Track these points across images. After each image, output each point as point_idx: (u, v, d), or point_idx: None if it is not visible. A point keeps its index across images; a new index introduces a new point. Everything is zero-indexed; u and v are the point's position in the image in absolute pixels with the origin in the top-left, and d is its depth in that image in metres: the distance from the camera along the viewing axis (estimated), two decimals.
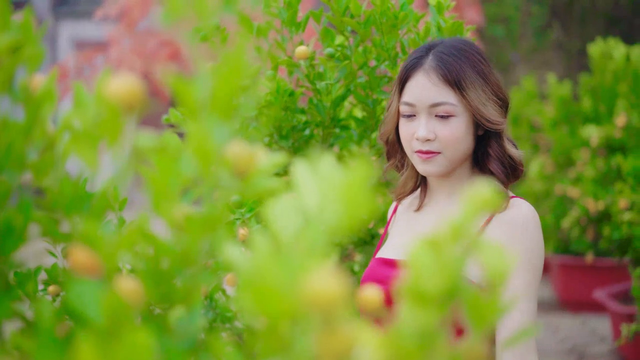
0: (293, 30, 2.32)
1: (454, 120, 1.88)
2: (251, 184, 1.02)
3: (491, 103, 1.90)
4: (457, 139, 1.89)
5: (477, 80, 1.89)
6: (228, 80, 0.78)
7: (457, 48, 1.92)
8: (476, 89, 1.88)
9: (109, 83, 0.82)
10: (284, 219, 0.94)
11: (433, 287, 0.79)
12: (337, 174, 0.79)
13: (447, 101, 1.88)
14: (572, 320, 6.32)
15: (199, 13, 0.77)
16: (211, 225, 0.91)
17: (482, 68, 1.91)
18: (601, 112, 6.13)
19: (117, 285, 0.90)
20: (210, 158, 0.83)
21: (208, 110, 0.77)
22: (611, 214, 5.38)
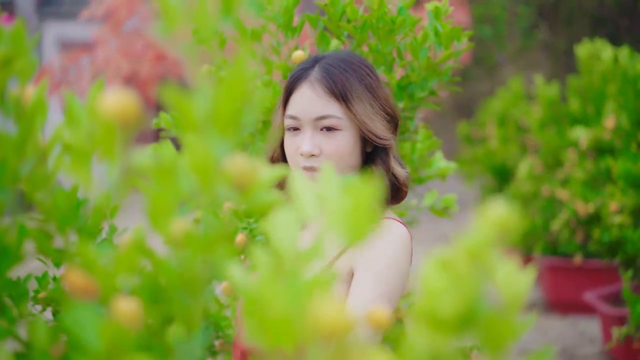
0: (289, 34, 2.29)
1: (340, 134, 1.81)
2: (252, 198, 0.98)
3: (379, 118, 1.84)
4: (343, 154, 1.82)
5: (365, 93, 1.83)
6: (230, 94, 0.74)
7: (344, 60, 1.87)
8: (363, 103, 1.82)
9: (104, 98, 0.78)
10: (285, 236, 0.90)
11: (448, 310, 0.76)
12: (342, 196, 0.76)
13: (332, 114, 1.81)
14: (561, 321, 6.31)
15: (198, 23, 0.73)
16: (211, 244, 0.87)
17: (370, 82, 1.86)
18: (589, 114, 6.13)
19: (115, 307, 0.86)
20: (209, 174, 0.79)
21: (209, 126, 0.74)
22: (601, 216, 5.37)
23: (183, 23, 0.75)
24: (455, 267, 0.75)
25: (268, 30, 2.35)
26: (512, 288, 0.83)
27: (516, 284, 0.83)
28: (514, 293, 0.83)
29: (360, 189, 0.75)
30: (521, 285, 0.84)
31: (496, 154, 8.24)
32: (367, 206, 0.73)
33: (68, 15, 11.32)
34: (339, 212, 0.75)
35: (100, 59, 9.34)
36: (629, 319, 4.52)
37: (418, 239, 9.42)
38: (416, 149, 2.60)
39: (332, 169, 1.00)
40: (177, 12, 0.74)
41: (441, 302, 0.75)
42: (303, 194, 0.96)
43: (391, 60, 2.27)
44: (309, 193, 0.96)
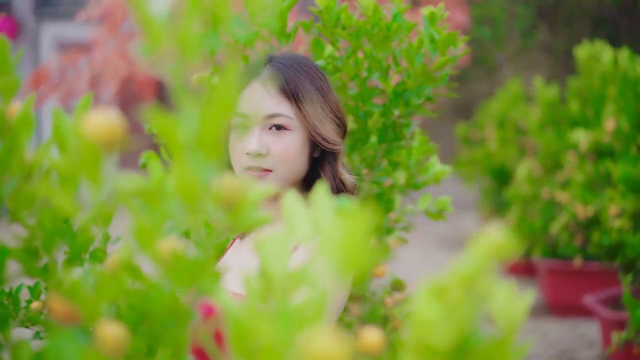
0: (282, 40, 2.26)
1: (289, 134, 1.78)
2: (241, 216, 0.96)
3: (329, 121, 1.82)
4: (291, 155, 1.78)
5: (316, 95, 1.80)
6: (216, 118, 0.71)
7: (297, 61, 1.84)
8: (314, 105, 1.79)
9: (87, 119, 0.76)
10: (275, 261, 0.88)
11: (442, 341, 0.74)
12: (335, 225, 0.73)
13: (283, 113, 1.77)
14: (560, 325, 6.28)
15: (182, 44, 0.71)
16: (199, 269, 0.85)
17: (322, 85, 1.83)
18: (589, 116, 6.10)
19: (99, 333, 0.84)
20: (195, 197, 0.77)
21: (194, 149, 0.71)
22: (600, 219, 5.35)
23: (167, 42, 0.72)
24: (449, 295, 0.73)
25: (261, 36, 2.33)
26: (508, 315, 0.81)
27: (512, 310, 0.81)
28: (510, 320, 0.81)
29: (355, 215, 0.72)
30: (518, 312, 0.81)
31: (495, 155, 8.20)
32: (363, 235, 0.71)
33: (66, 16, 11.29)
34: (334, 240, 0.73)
35: (97, 60, 9.31)
36: (629, 324, 4.49)
37: (416, 242, 9.40)
38: (412, 154, 2.58)
39: (326, 192, 0.97)
40: (161, 31, 0.71)
41: (434, 332, 0.72)
42: (296, 215, 0.94)
43: (386, 66, 2.24)
44: (303, 215, 0.93)
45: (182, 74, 0.72)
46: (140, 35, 0.70)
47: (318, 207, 0.94)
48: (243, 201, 0.96)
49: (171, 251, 0.99)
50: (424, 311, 0.72)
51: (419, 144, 2.58)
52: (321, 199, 0.94)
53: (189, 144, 0.71)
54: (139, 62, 8.96)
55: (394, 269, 7.74)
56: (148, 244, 0.90)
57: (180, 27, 0.71)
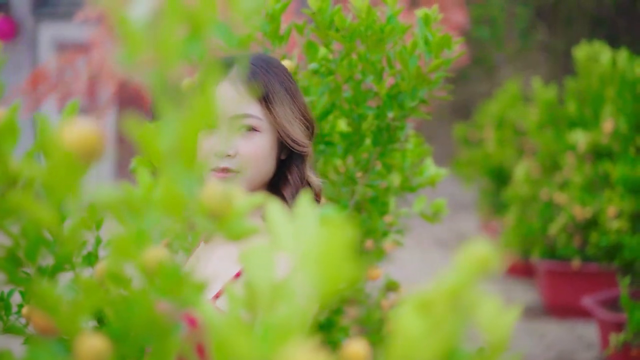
0: (276, 42, 2.24)
1: (258, 136, 1.75)
2: (228, 227, 0.94)
3: (298, 123, 1.80)
4: (259, 156, 1.75)
5: (285, 97, 1.79)
6: (195, 126, 0.70)
7: (265, 62, 1.82)
8: (284, 106, 1.77)
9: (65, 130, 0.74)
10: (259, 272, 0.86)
11: (426, 358, 0.72)
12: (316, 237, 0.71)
13: (252, 114, 1.75)
14: (558, 326, 6.27)
15: (162, 51, 0.69)
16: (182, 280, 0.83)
17: (290, 86, 1.81)
18: (587, 117, 6.08)
19: (78, 346, 0.82)
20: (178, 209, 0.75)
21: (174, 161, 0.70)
22: (599, 221, 5.33)
23: (147, 50, 0.71)
24: (434, 310, 0.71)
25: (255, 38, 2.31)
26: (495, 329, 0.79)
27: (500, 324, 0.79)
28: (497, 334, 0.79)
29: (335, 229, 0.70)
30: (505, 326, 0.80)
31: (493, 156, 8.19)
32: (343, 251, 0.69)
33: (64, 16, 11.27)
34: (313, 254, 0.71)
35: (95, 60, 9.29)
36: (627, 326, 4.48)
37: (415, 243, 9.38)
38: (407, 157, 2.56)
39: (309, 200, 0.95)
40: (140, 39, 0.69)
41: (418, 348, 0.71)
42: (280, 226, 0.92)
43: (380, 69, 2.23)
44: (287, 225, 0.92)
45: (162, 81, 0.70)
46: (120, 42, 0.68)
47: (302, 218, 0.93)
48: (231, 211, 0.95)
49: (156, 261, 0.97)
50: (408, 326, 0.71)
51: (414, 146, 2.57)
52: (305, 210, 0.93)
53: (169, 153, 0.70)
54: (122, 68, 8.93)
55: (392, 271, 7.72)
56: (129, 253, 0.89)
57: (161, 33, 0.70)
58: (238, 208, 0.95)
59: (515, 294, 7.17)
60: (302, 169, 1.83)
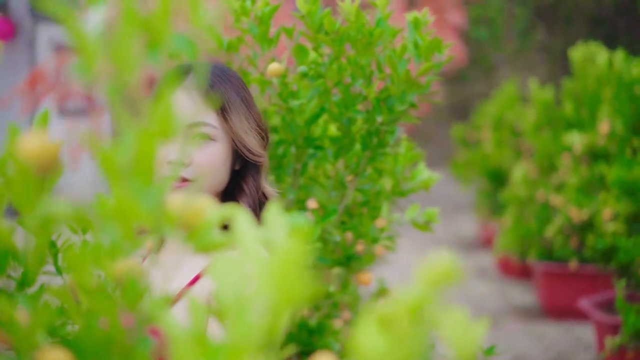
0: (265, 46, 2.23)
1: (213, 145, 1.74)
2: (199, 238, 0.93)
3: (253, 133, 1.79)
4: (214, 165, 1.74)
5: (241, 106, 1.78)
6: (153, 141, 0.68)
7: (222, 70, 1.81)
8: (240, 115, 1.77)
9: (22, 141, 0.72)
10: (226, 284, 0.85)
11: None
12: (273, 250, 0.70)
13: (208, 122, 1.74)
14: (556, 327, 6.25)
15: (118, 63, 0.68)
16: (146, 292, 0.82)
17: (246, 96, 1.81)
18: (584, 118, 6.06)
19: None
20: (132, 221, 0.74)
21: (131, 173, 0.68)
22: (595, 223, 5.31)
23: (104, 62, 0.69)
24: (395, 326, 0.70)
25: (244, 41, 2.30)
26: (463, 343, 0.78)
27: (467, 337, 0.78)
28: (465, 349, 0.77)
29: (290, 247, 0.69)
30: (473, 338, 0.78)
31: (491, 157, 8.17)
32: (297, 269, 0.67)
33: None
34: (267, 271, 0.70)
35: None
36: (622, 329, 4.46)
37: (413, 245, 9.36)
38: (398, 161, 2.55)
39: (279, 210, 0.94)
40: (95, 49, 0.68)
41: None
42: (247, 237, 0.91)
43: (370, 72, 2.21)
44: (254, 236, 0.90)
45: (119, 92, 0.69)
46: (75, 53, 0.67)
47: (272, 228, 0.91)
48: (201, 223, 0.93)
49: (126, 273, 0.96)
50: (369, 343, 0.69)
51: (405, 150, 2.55)
52: (274, 221, 0.91)
53: (126, 166, 0.68)
54: None
55: (388, 273, 7.71)
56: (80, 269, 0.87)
57: (117, 43, 0.68)
58: (208, 219, 0.94)
59: (512, 296, 7.15)
60: (257, 179, 1.82)
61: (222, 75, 1.79)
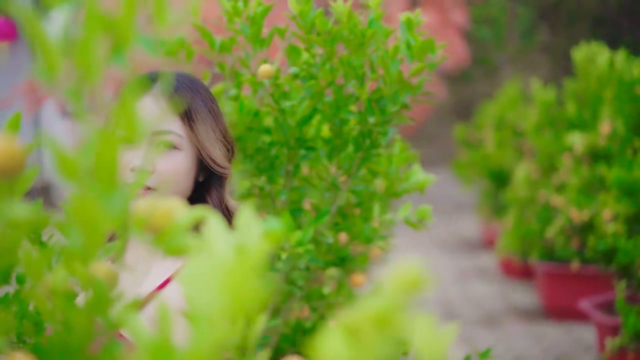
0: (257, 46, 2.22)
1: (178, 154, 1.72)
2: (167, 241, 0.92)
3: (219, 144, 1.77)
4: (177, 174, 1.72)
5: (208, 117, 1.76)
6: (115, 145, 0.67)
7: (190, 80, 1.79)
8: (206, 126, 1.75)
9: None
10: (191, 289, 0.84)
11: None
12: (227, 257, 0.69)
13: (174, 131, 1.72)
14: (557, 328, 6.23)
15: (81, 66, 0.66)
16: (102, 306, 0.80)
17: (213, 107, 1.79)
18: (586, 118, 6.04)
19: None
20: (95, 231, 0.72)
21: (91, 182, 0.67)
22: (595, 224, 5.29)
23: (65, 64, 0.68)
24: (361, 335, 0.68)
25: (237, 42, 2.29)
26: (431, 352, 0.76)
27: (436, 345, 0.76)
28: (434, 354, 0.76)
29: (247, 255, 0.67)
30: (442, 348, 0.77)
31: (492, 157, 8.15)
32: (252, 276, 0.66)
33: None
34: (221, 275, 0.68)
35: None
36: (623, 330, 4.44)
37: (415, 245, 9.36)
38: (392, 162, 2.53)
39: (252, 212, 0.93)
40: (56, 52, 0.67)
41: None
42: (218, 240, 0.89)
43: (362, 73, 2.20)
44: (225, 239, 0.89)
45: (81, 96, 0.68)
46: (36, 57, 0.66)
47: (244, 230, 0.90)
48: (171, 226, 0.92)
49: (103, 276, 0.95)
50: (331, 351, 0.68)
51: (399, 151, 2.54)
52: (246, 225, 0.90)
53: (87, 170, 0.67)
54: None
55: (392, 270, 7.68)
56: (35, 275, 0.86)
57: (79, 46, 0.67)
58: (178, 223, 0.93)
59: (513, 296, 7.14)
60: (221, 192, 1.80)
61: (189, 85, 1.77)
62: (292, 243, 2.11)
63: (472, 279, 7.82)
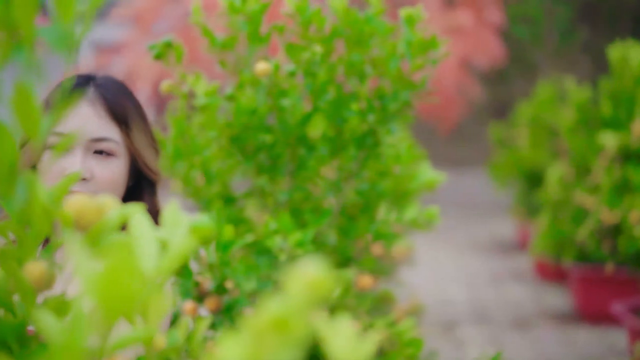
0: (255, 44, 2.19)
1: (115, 161, 1.70)
2: (96, 240, 0.89)
3: (151, 150, 1.77)
4: (115, 182, 1.70)
5: (140, 122, 1.75)
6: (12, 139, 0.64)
7: (119, 85, 1.78)
8: (140, 131, 1.74)
9: None
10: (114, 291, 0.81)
11: None
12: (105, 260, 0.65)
13: (111, 137, 1.70)
14: (590, 333, 6.11)
15: None
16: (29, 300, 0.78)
17: (142, 112, 1.78)
18: (620, 118, 5.92)
19: None
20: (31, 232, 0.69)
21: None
22: (624, 226, 5.18)
23: None
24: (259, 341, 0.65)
25: (238, 40, 2.26)
26: (351, 357, 0.72)
27: (355, 355, 0.72)
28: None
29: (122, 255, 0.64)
30: (361, 354, 0.73)
31: (526, 158, 8.04)
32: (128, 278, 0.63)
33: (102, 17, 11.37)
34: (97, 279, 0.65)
35: (131, 61, 9.33)
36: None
37: (451, 246, 9.27)
38: (400, 161, 2.49)
39: (177, 207, 0.90)
40: None
41: None
42: (143, 239, 0.86)
43: (360, 71, 2.15)
44: (150, 238, 0.86)
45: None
46: None
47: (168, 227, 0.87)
48: (98, 224, 0.89)
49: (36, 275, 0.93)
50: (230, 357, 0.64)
51: (406, 150, 2.49)
52: (173, 220, 0.87)
53: None
54: None
55: (422, 274, 7.63)
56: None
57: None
58: (108, 221, 0.90)
59: (547, 299, 7.03)
60: (153, 197, 1.79)
61: (122, 89, 1.76)
62: (292, 244, 2.08)
63: (505, 281, 7.72)
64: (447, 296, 7.17)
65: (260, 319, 0.65)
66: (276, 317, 0.65)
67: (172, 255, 0.84)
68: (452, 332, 6.17)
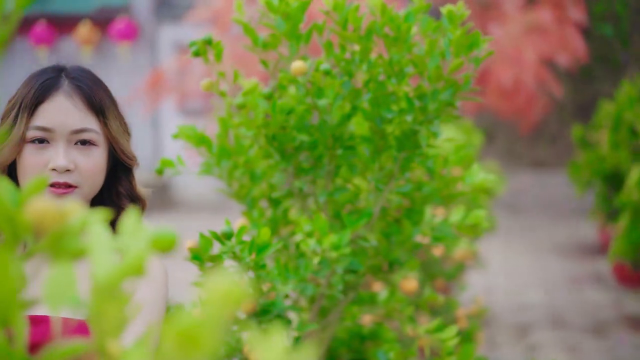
0: (294, 43, 2.15)
1: (96, 150, 1.75)
2: (57, 245, 0.87)
3: (126, 136, 1.83)
4: (97, 171, 1.75)
5: (115, 110, 1.80)
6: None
7: (91, 75, 1.81)
8: (115, 120, 1.79)
9: None
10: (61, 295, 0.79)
11: None
12: None
13: (91, 128, 1.74)
14: None
15: None
16: None
17: (114, 100, 1.82)
18: None
19: None
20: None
21: None
22: None
23: None
24: (166, 353, 0.61)
25: (279, 39, 2.23)
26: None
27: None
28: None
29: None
30: None
31: (607, 159, 7.81)
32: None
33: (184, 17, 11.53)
34: None
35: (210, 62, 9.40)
36: None
37: (530, 248, 9.08)
38: (447, 162, 2.41)
39: (138, 216, 0.87)
40: None
41: None
42: (98, 246, 0.84)
43: (399, 70, 2.10)
44: (106, 245, 0.84)
45: None
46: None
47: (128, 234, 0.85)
48: (59, 228, 0.87)
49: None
50: None
51: (454, 151, 2.42)
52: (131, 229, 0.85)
53: None
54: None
55: (496, 276, 7.48)
56: None
57: None
58: (71, 225, 0.88)
59: (625, 304, 6.81)
60: (131, 180, 1.84)
61: (95, 79, 1.80)
62: (326, 246, 2.04)
63: (584, 285, 7.52)
64: (523, 300, 7.02)
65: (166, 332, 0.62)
66: (183, 329, 0.62)
67: (126, 264, 0.81)
68: (526, 336, 6.03)
